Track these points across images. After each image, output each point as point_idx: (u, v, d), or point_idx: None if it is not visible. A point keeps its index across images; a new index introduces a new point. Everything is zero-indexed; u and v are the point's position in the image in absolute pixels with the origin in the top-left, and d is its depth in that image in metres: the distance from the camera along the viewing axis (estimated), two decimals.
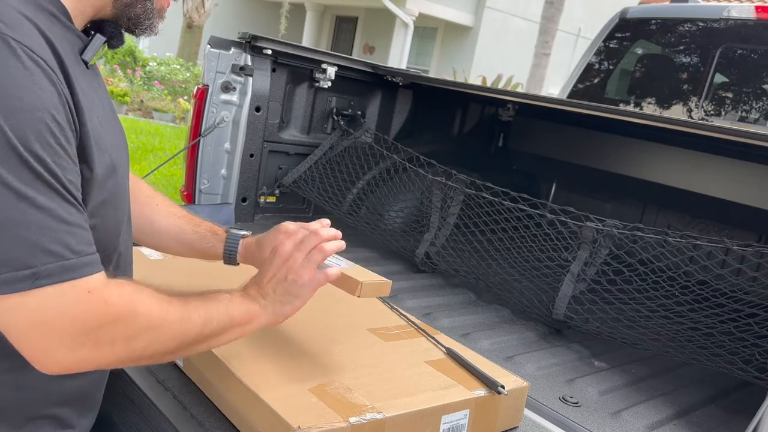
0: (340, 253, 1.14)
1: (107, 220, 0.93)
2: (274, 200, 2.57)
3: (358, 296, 1.12)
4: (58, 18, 0.87)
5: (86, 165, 0.86)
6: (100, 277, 0.83)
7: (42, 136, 0.77)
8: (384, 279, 1.16)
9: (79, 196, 0.83)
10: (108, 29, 0.98)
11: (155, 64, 10.82)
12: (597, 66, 3.46)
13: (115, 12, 0.96)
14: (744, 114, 3.03)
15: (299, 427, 0.95)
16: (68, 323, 0.80)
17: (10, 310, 0.77)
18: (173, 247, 1.29)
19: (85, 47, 0.93)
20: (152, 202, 1.27)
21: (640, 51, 3.42)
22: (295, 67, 2.46)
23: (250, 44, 2.26)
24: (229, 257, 1.25)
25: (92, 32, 0.95)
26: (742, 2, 4.41)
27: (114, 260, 1.01)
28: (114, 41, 0.99)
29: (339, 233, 1.13)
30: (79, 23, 0.93)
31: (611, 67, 3.45)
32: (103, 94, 0.99)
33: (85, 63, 0.93)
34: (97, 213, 0.89)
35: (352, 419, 1.00)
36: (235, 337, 1.02)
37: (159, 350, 0.91)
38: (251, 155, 2.39)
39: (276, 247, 1.09)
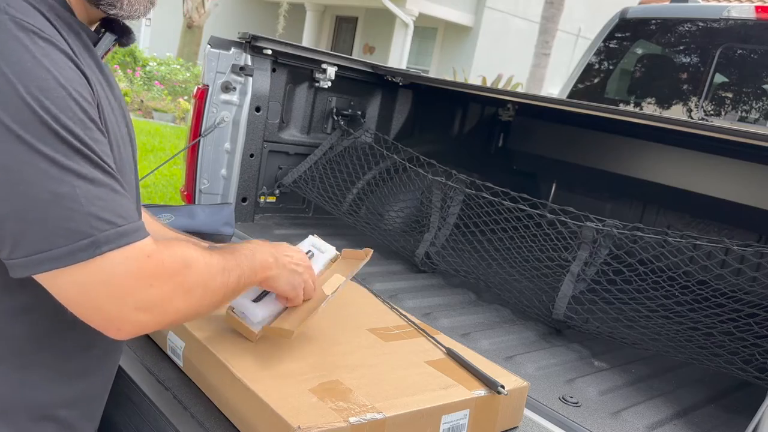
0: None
1: None
2: (274, 200, 2.57)
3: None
4: (62, 12, 0.89)
5: None
6: (151, 240, 0.85)
7: (73, 111, 0.79)
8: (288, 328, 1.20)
9: (113, 167, 0.84)
10: (117, 29, 0.99)
11: (155, 64, 10.82)
12: (597, 66, 3.46)
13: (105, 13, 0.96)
14: (744, 114, 3.03)
15: (299, 427, 0.95)
16: (136, 285, 0.82)
17: (77, 281, 0.79)
18: None
19: (95, 44, 0.95)
20: None
21: (640, 51, 3.42)
22: (295, 67, 2.46)
23: (250, 44, 2.26)
24: None
25: (102, 30, 0.97)
26: (742, 2, 4.41)
27: None
28: (124, 39, 1.01)
29: None
30: (84, 21, 0.94)
31: (611, 67, 3.45)
32: (112, 93, 0.99)
33: (97, 59, 0.95)
34: None
35: (352, 419, 1.00)
36: (254, 284, 1.13)
37: (211, 301, 0.96)
38: (251, 155, 2.39)
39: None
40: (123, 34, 1.01)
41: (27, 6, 0.81)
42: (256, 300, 1.22)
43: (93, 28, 0.97)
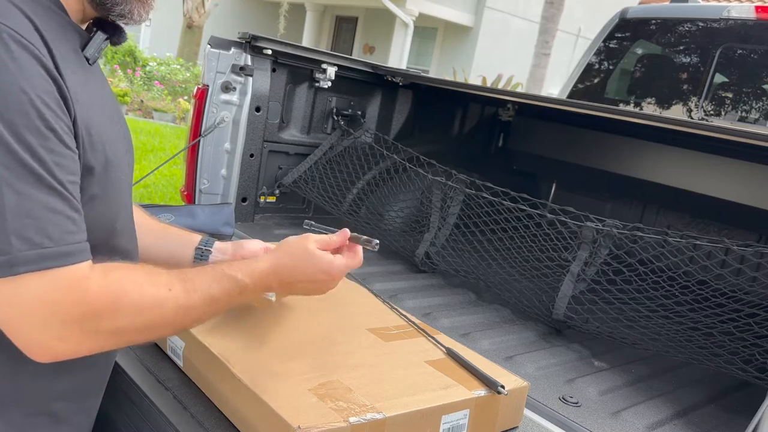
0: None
1: (95, 217, 0.90)
2: (274, 200, 2.57)
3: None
4: (54, 11, 0.87)
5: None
6: (83, 267, 0.80)
7: (29, 118, 0.76)
8: None
9: (68, 181, 0.80)
10: (109, 27, 0.98)
11: (155, 64, 10.82)
12: (597, 66, 3.46)
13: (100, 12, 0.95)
14: (744, 114, 3.03)
15: (299, 427, 0.95)
16: (51, 313, 0.78)
17: None
18: (145, 239, 1.24)
19: (86, 44, 0.93)
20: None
21: (640, 51, 3.42)
22: (295, 67, 2.46)
23: (250, 44, 2.26)
24: (205, 247, 1.27)
25: (94, 29, 0.96)
26: (742, 2, 4.41)
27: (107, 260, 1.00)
28: (115, 38, 1.00)
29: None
30: (78, 21, 0.93)
31: (611, 67, 3.45)
32: (102, 92, 0.99)
33: (87, 59, 0.94)
34: (83, 207, 0.87)
35: (352, 419, 1.00)
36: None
37: (156, 335, 0.92)
38: (251, 155, 2.39)
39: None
40: (114, 33, 0.99)
41: (7, 5, 0.79)
42: None
43: (84, 27, 0.96)
